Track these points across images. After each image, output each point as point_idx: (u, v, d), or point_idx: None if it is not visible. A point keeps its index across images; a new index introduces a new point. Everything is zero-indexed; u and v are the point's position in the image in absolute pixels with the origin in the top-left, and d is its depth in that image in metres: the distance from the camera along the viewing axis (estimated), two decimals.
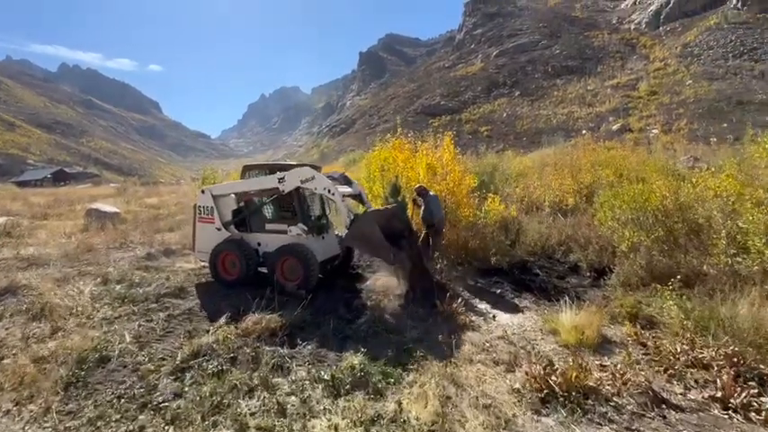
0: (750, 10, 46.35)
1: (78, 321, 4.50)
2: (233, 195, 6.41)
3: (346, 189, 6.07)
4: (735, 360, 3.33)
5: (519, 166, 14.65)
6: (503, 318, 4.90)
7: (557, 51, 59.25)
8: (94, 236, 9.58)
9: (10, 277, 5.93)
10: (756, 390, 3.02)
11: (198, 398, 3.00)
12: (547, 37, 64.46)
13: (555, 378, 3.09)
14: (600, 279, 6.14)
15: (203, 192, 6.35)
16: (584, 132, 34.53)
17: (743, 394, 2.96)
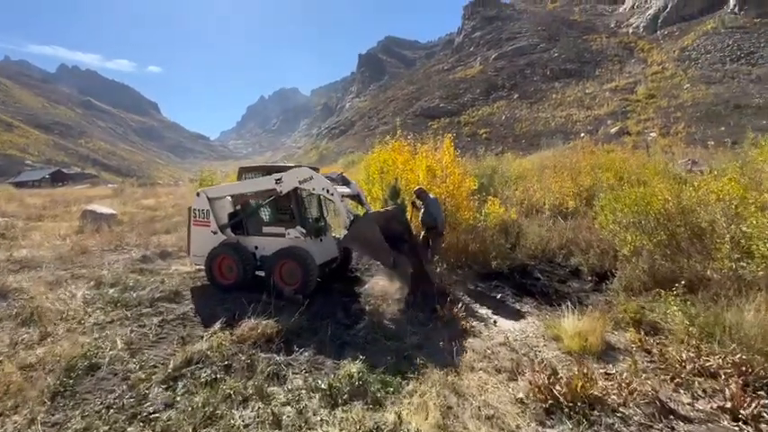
0: (747, 14, 46.74)
1: (69, 326, 4.38)
2: (229, 198, 6.31)
3: (344, 189, 5.98)
4: (743, 369, 3.25)
5: (518, 169, 14.61)
6: (504, 323, 4.80)
7: (555, 54, 59.52)
8: (89, 238, 9.46)
9: (1, 280, 5.80)
10: (767, 400, 2.93)
11: (190, 408, 2.89)
12: (545, 40, 64.79)
13: (559, 388, 2.99)
14: (602, 283, 6.06)
15: (198, 194, 6.25)
16: (582, 135, 34.60)
17: (753, 405, 2.87)
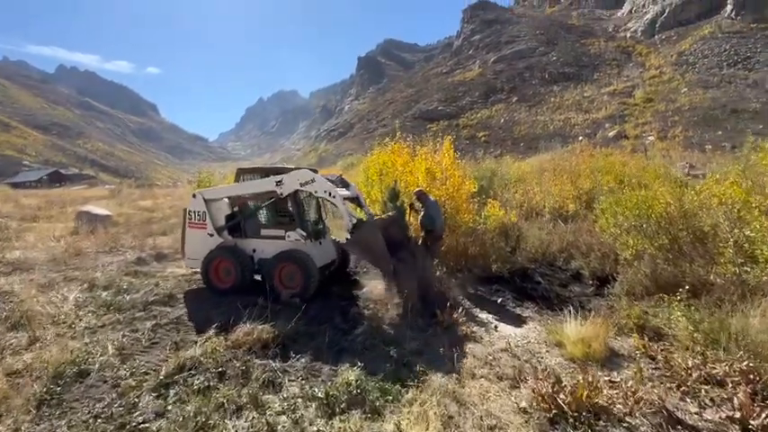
0: (744, 20, 47.13)
1: (59, 331, 4.27)
2: (226, 200, 6.21)
3: (344, 192, 5.90)
4: (750, 377, 3.17)
5: (517, 172, 14.58)
6: (505, 328, 4.72)
7: (554, 58, 59.82)
8: (84, 239, 9.32)
9: None
10: None
11: (181, 418, 2.78)
12: (544, 44, 65.12)
13: (564, 396, 2.91)
14: (603, 287, 5.98)
15: (195, 196, 6.14)
16: (580, 139, 34.70)
17: (762, 415, 2.78)
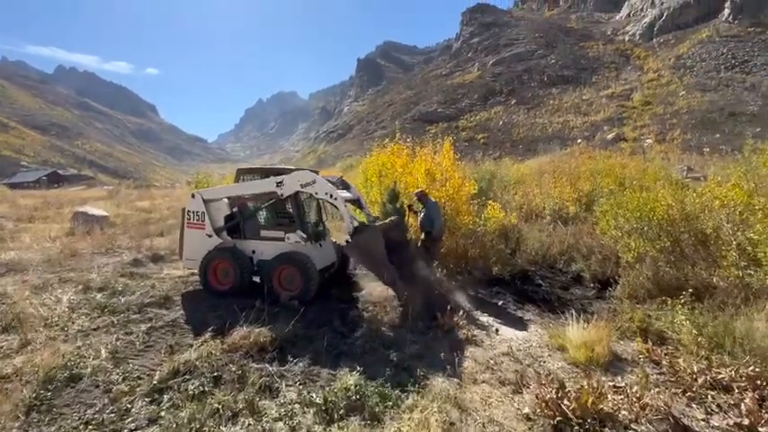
0: (741, 23, 47.44)
1: (51, 334, 4.18)
2: (225, 200, 6.14)
3: (345, 194, 5.83)
4: (757, 382, 3.11)
5: (517, 174, 14.57)
6: (506, 332, 4.65)
7: (552, 61, 60.03)
8: (80, 240, 9.22)
9: None
10: None
11: (174, 425, 2.70)
12: (543, 47, 65.37)
13: (568, 403, 2.84)
14: (605, 290, 5.94)
15: (193, 196, 6.06)
16: (579, 141, 34.80)
17: None
